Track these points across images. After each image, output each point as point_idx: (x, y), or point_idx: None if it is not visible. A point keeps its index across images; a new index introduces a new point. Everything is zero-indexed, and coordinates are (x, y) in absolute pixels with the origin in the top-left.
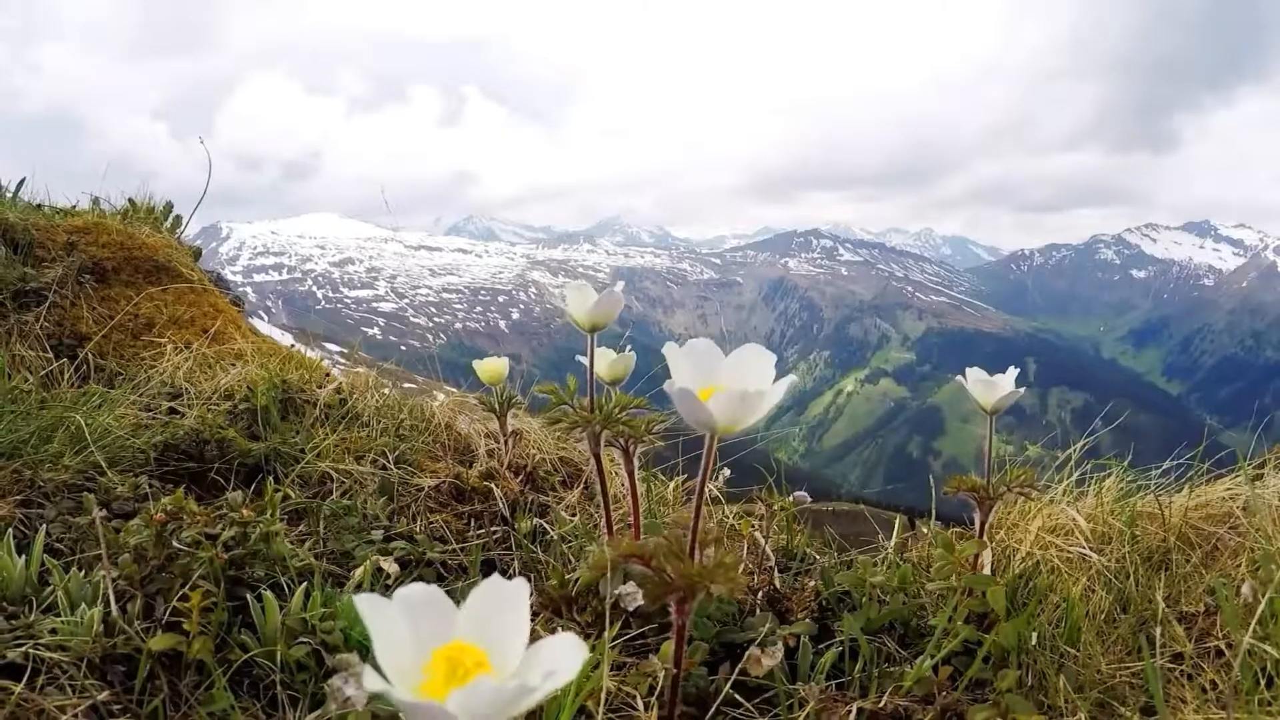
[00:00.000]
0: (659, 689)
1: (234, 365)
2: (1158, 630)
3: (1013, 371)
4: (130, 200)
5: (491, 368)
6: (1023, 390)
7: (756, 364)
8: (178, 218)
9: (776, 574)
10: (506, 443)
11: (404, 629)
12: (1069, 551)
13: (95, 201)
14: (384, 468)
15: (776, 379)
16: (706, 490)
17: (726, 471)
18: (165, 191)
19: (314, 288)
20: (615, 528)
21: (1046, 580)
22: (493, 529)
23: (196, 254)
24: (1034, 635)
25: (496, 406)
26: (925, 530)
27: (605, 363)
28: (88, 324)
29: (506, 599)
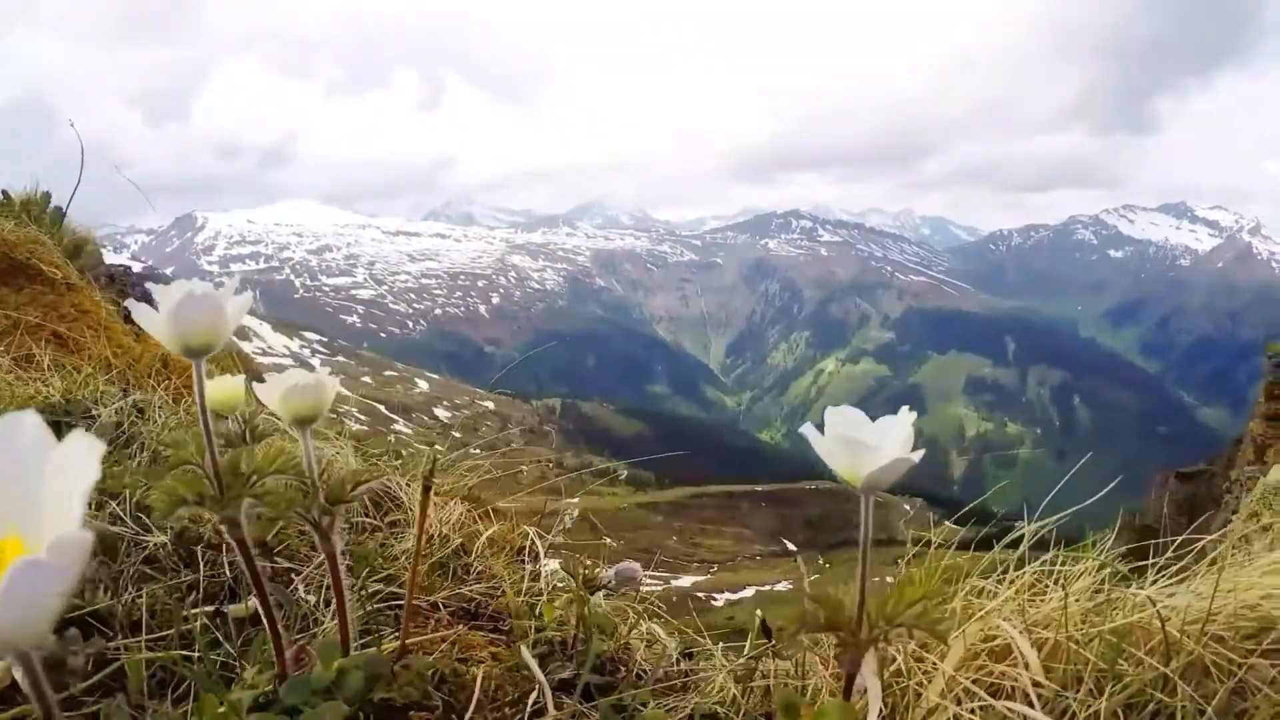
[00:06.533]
0: None
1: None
2: None
3: (907, 415)
4: (3, 192)
5: (225, 394)
6: (921, 455)
7: None
8: (57, 209)
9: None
10: None
11: None
12: (1006, 704)
13: None
14: (117, 519)
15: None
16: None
17: (623, 473)
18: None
19: (292, 276)
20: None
21: None
22: (207, 609)
23: (73, 250)
24: None
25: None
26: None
27: (279, 397)
28: None
29: None
